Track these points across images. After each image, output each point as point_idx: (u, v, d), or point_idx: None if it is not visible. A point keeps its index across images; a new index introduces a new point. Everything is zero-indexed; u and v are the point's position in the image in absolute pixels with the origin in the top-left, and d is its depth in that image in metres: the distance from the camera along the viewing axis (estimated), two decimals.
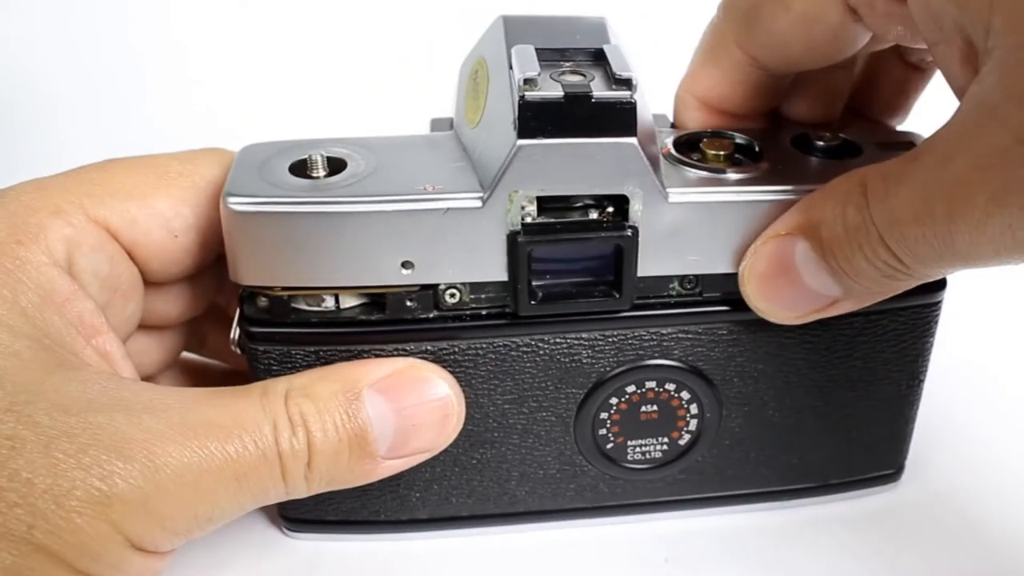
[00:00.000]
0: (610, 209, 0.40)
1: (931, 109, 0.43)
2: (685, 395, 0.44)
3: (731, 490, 0.47)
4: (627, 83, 0.37)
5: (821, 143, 0.43)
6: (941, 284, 0.44)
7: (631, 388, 0.44)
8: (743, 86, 0.44)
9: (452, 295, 0.41)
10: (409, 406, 0.39)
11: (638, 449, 0.45)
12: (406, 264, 0.39)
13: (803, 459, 0.47)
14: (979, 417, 0.54)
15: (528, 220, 0.40)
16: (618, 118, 0.37)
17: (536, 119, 0.37)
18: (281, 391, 0.38)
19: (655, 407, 0.44)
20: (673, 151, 0.42)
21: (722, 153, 0.41)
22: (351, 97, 0.80)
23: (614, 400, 0.44)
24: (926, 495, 0.49)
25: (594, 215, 0.40)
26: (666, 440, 0.45)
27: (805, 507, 0.49)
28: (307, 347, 0.41)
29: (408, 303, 0.41)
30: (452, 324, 0.41)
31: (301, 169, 0.40)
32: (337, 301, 0.41)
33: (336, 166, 0.40)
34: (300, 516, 0.47)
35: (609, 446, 0.45)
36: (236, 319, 0.42)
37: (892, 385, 0.46)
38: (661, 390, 0.44)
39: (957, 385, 0.57)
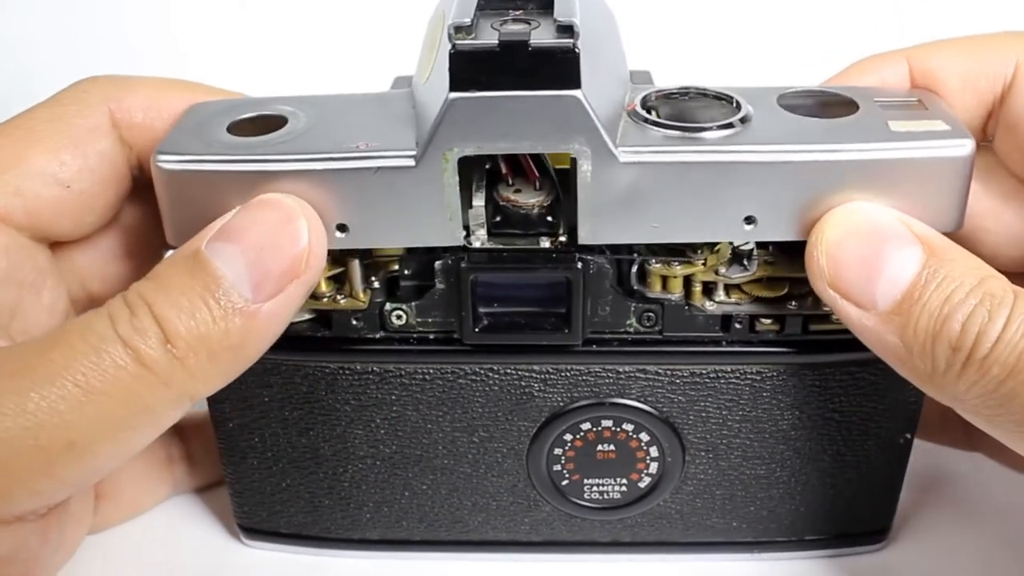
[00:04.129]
0: (563, 238, 0.38)
1: None
2: (644, 437, 0.42)
3: (696, 538, 0.45)
4: (569, 29, 0.33)
5: (811, 100, 0.39)
6: None
7: (586, 425, 0.42)
8: None
9: (398, 316, 0.40)
10: (250, 234, 0.35)
11: (595, 488, 0.43)
12: (341, 227, 0.37)
13: (774, 512, 0.44)
14: (976, 475, 0.50)
15: (477, 245, 0.38)
16: (559, 69, 0.33)
17: (468, 70, 0.34)
18: (118, 295, 0.34)
19: (612, 447, 0.42)
20: (639, 108, 0.38)
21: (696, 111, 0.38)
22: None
23: (569, 436, 0.42)
24: (914, 561, 0.46)
25: (546, 243, 0.38)
26: (625, 481, 0.43)
27: (780, 561, 0.46)
28: None
29: (354, 322, 0.40)
30: (398, 346, 0.40)
31: (238, 128, 0.38)
32: None
33: (276, 124, 0.38)
34: (255, 526, 0.46)
35: (564, 483, 0.43)
36: None
37: (876, 442, 0.43)
38: (619, 430, 0.42)
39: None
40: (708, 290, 0.39)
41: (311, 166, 0.36)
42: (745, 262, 0.39)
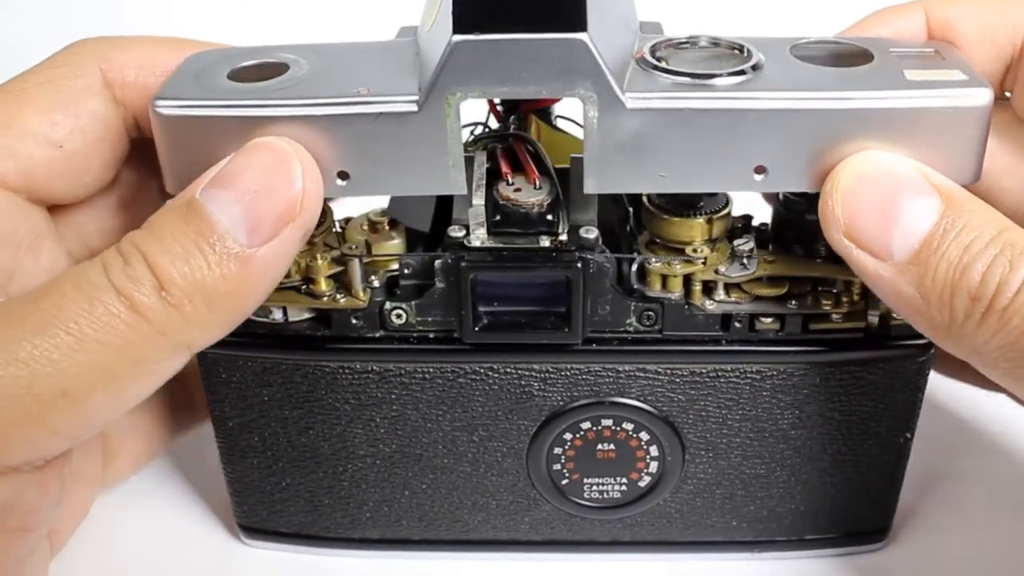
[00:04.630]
0: (563, 237, 0.38)
1: None
2: (644, 436, 0.42)
3: (696, 537, 0.45)
4: None
5: (825, 51, 0.38)
6: None
7: (586, 425, 0.42)
8: None
9: (398, 315, 0.40)
10: (244, 179, 0.34)
11: (595, 488, 0.43)
12: (342, 175, 0.36)
13: (775, 511, 0.44)
14: (976, 475, 0.50)
15: (477, 243, 0.38)
16: (565, 12, 0.33)
17: (472, 13, 0.33)
18: (111, 248, 0.34)
19: (612, 446, 0.42)
20: (648, 56, 0.37)
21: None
22: None
23: (568, 436, 0.42)
24: (914, 561, 0.46)
25: (546, 242, 0.38)
26: (624, 481, 0.43)
27: (780, 560, 0.46)
28: (254, 356, 0.41)
29: (354, 321, 0.40)
30: (398, 345, 0.40)
31: (239, 74, 0.37)
32: (285, 314, 0.41)
33: (278, 71, 0.37)
34: (255, 525, 0.46)
35: (564, 482, 0.43)
36: None
37: (875, 441, 0.42)
38: (619, 429, 0.42)
39: (954, 439, 0.53)
40: (708, 289, 0.39)
41: (311, 111, 0.35)
42: (745, 261, 0.39)
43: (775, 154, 0.35)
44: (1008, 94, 0.40)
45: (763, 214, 0.42)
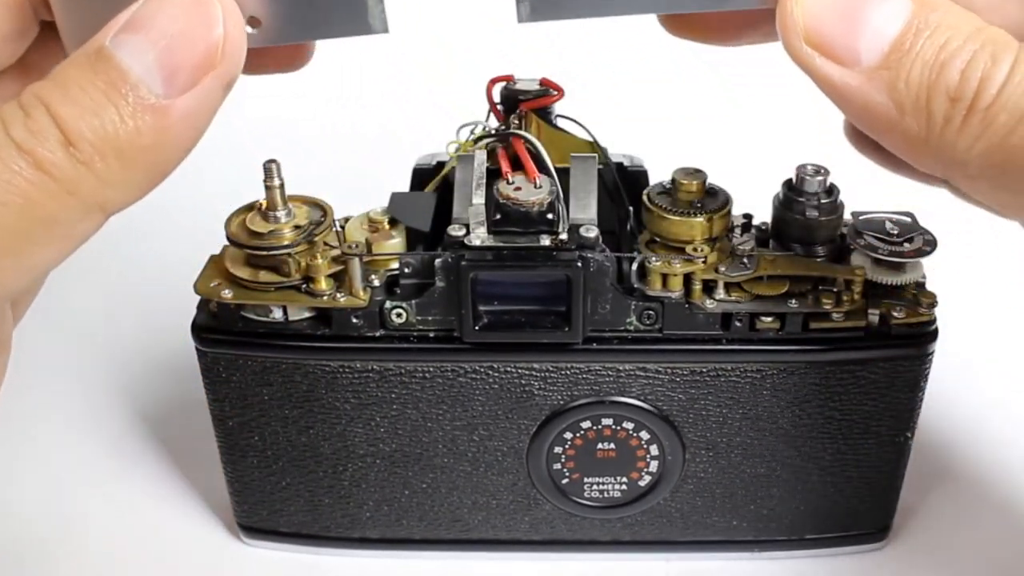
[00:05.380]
0: (563, 236, 0.38)
1: None
2: (644, 435, 0.42)
3: (696, 537, 0.45)
4: None
5: None
6: (932, 336, 0.40)
7: (586, 424, 0.42)
8: None
9: (398, 314, 0.40)
10: (158, 22, 0.31)
11: (595, 487, 0.43)
12: (252, 21, 0.32)
13: (775, 510, 0.44)
14: (976, 475, 0.50)
15: (477, 243, 0.38)
16: None
17: None
18: (10, 102, 0.31)
19: (612, 445, 0.42)
20: None
21: None
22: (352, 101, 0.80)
23: (569, 435, 0.42)
24: (914, 561, 0.46)
25: (546, 241, 0.38)
26: (625, 480, 0.43)
27: (780, 560, 0.46)
28: (254, 355, 0.41)
29: (354, 320, 0.40)
30: (398, 344, 0.40)
31: None
32: (285, 313, 0.41)
33: None
34: (255, 525, 0.46)
35: (564, 481, 0.43)
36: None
37: (876, 440, 0.42)
38: (619, 428, 0.42)
39: (954, 439, 0.53)
40: (708, 288, 0.39)
41: None
42: (745, 260, 0.39)
43: None
44: None
45: (763, 213, 0.42)
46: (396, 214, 0.41)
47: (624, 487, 0.43)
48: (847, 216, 0.41)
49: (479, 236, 0.38)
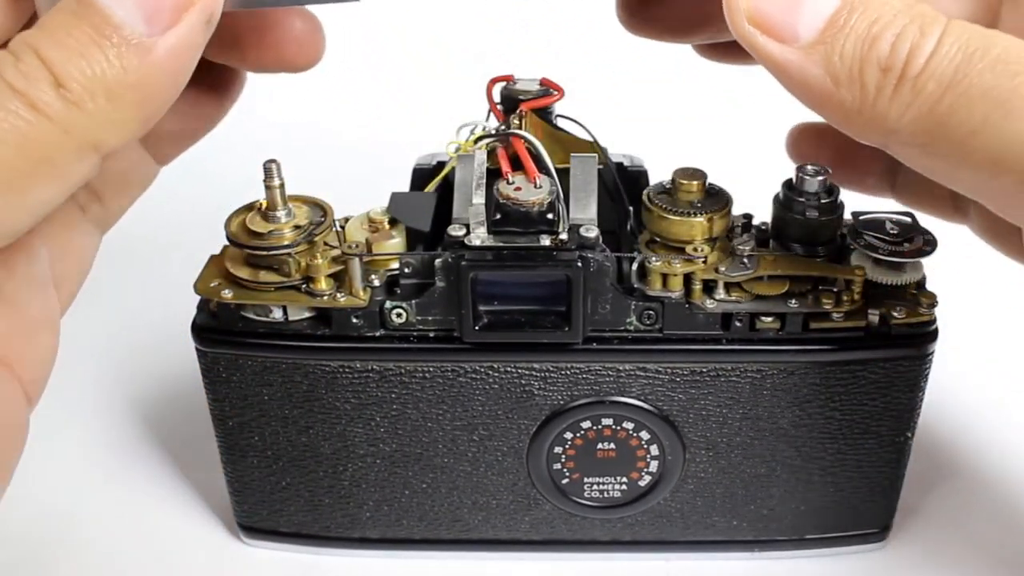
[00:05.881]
0: (563, 236, 0.38)
1: None
2: (644, 435, 0.42)
3: (696, 537, 0.45)
4: None
5: None
6: (932, 336, 0.40)
7: (586, 424, 0.42)
8: None
9: (398, 314, 0.40)
10: None
11: (595, 487, 0.43)
12: None
13: (775, 510, 0.44)
14: (976, 475, 0.50)
15: (477, 242, 0.38)
16: None
17: None
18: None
19: (612, 445, 0.42)
20: None
21: None
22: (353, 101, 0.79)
23: (569, 435, 0.42)
24: (914, 561, 0.46)
25: (546, 241, 0.38)
26: (625, 480, 0.43)
27: (780, 560, 0.46)
28: (254, 355, 0.41)
29: (354, 320, 0.40)
30: (398, 344, 0.40)
31: None
32: (285, 313, 0.41)
33: None
34: (255, 525, 0.46)
35: (564, 481, 0.43)
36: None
37: (876, 440, 0.42)
38: (619, 428, 0.42)
39: (954, 439, 0.53)
40: (708, 288, 0.39)
41: None
42: (745, 260, 0.39)
43: None
44: None
45: (763, 213, 0.42)
46: (396, 214, 0.41)
47: (624, 487, 0.43)
48: (847, 216, 0.41)
49: (479, 236, 0.38)
